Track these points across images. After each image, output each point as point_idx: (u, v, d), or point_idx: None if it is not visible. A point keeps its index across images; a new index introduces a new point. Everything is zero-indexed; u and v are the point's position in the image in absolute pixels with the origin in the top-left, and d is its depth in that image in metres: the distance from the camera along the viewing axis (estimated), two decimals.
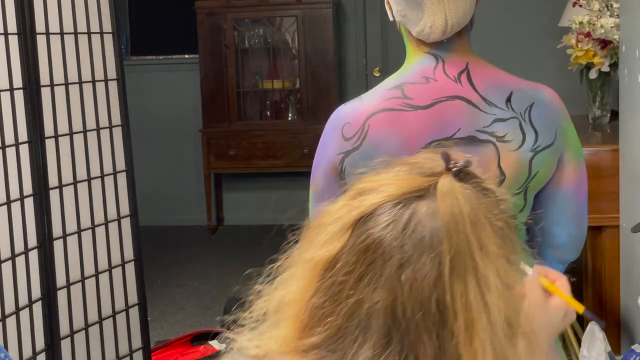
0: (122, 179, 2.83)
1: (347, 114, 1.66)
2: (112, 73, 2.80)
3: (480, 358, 0.92)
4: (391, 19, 1.71)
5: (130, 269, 2.87)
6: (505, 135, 1.59)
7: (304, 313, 0.99)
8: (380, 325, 0.93)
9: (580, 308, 1.13)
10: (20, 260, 2.45)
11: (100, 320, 2.75)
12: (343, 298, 0.95)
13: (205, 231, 6.10)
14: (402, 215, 0.94)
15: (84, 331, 2.69)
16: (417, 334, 0.92)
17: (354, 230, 0.96)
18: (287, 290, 1.01)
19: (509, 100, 1.61)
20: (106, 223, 2.77)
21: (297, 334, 1.00)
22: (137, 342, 2.91)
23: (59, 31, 2.60)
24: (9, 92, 2.42)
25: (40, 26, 2.53)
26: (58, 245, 2.58)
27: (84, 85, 2.69)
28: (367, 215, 0.95)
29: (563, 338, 3.29)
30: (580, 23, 3.43)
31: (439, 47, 1.64)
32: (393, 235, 0.93)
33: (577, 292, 3.21)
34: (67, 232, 2.62)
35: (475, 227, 0.93)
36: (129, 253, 2.86)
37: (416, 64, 1.66)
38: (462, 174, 0.96)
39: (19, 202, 2.44)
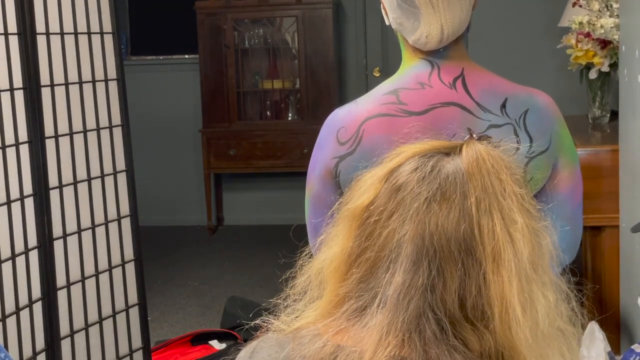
0: (122, 179, 2.83)
1: (342, 118, 1.66)
2: (112, 73, 2.80)
3: (507, 286, 1.01)
4: (387, 23, 1.71)
5: (130, 269, 2.87)
6: (499, 141, 1.59)
7: (344, 263, 1.08)
8: (409, 253, 1.02)
9: None
10: (20, 260, 2.45)
11: (100, 320, 2.76)
12: (376, 235, 1.05)
13: (205, 231, 6.10)
14: (428, 162, 1.06)
15: (84, 331, 2.69)
16: (443, 261, 1.01)
17: (387, 179, 1.07)
18: (329, 250, 1.11)
19: (503, 106, 1.61)
20: (106, 223, 2.77)
21: (336, 288, 1.08)
22: (137, 342, 2.91)
23: (59, 31, 2.60)
24: (9, 92, 2.42)
25: (40, 26, 2.53)
26: (58, 245, 2.59)
27: (84, 85, 2.69)
28: (398, 166, 1.08)
29: None
30: (580, 23, 3.44)
31: (435, 54, 1.65)
32: (420, 177, 1.05)
33: (577, 291, 3.21)
34: (67, 232, 2.62)
35: (497, 173, 1.05)
36: (129, 253, 2.86)
37: (411, 69, 1.66)
38: (484, 141, 1.09)
39: (19, 202, 2.44)
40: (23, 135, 2.47)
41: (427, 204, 1.03)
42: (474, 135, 1.09)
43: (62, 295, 2.61)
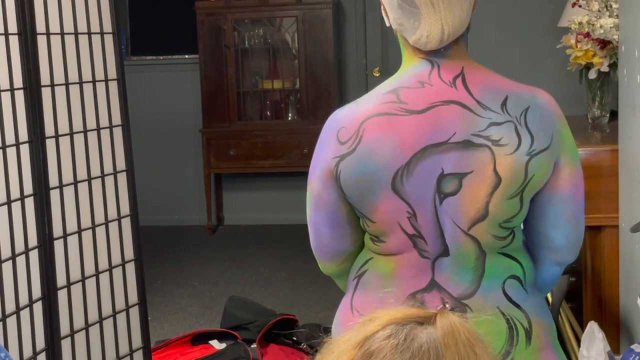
0: (122, 178, 2.83)
1: (343, 118, 1.66)
2: (112, 73, 2.80)
3: None
4: (387, 24, 1.72)
5: (131, 268, 2.87)
6: (500, 139, 1.59)
7: None
8: None
9: None
10: (20, 260, 2.45)
11: (101, 320, 2.76)
12: None
13: (205, 231, 6.10)
14: (402, 330, 1.05)
15: (84, 331, 2.69)
16: None
17: (361, 347, 1.06)
18: None
19: (504, 104, 1.61)
20: (106, 223, 2.77)
21: None
22: (137, 341, 2.91)
23: (59, 31, 2.61)
24: (9, 92, 2.42)
25: (40, 26, 2.53)
26: (58, 245, 2.59)
27: (84, 85, 2.69)
28: (373, 333, 1.06)
29: (562, 338, 3.29)
30: (580, 23, 3.44)
31: (435, 53, 1.65)
32: (393, 344, 1.03)
33: (577, 291, 3.22)
34: (68, 231, 2.62)
35: (472, 346, 1.04)
36: (129, 253, 2.86)
37: (412, 68, 1.66)
38: (457, 312, 1.08)
39: (19, 202, 2.45)
40: (23, 135, 2.48)
41: None
42: (447, 306, 1.10)
43: (62, 295, 2.61)
